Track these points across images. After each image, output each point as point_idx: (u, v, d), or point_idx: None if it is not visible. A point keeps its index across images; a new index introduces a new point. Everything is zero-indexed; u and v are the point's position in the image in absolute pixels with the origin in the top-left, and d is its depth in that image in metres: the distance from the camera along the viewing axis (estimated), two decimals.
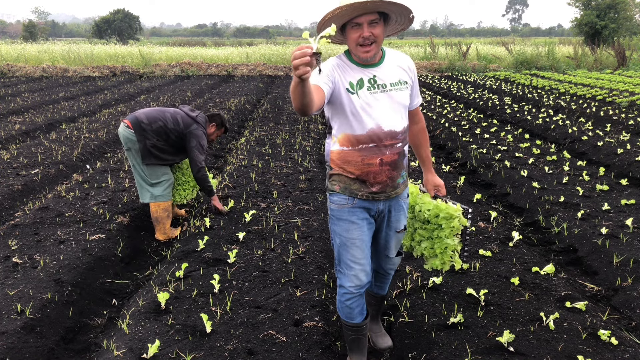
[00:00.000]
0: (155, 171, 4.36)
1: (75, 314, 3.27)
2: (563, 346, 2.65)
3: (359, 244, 2.31)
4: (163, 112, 4.40)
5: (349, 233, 2.31)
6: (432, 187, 2.60)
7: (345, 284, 2.36)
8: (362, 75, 2.20)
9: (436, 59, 24.23)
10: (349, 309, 2.41)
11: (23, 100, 12.72)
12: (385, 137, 2.23)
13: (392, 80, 2.25)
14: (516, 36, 66.05)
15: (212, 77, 20.11)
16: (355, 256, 2.31)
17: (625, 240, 4.06)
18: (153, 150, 4.28)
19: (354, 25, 2.11)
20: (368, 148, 2.23)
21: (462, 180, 5.83)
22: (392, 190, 2.32)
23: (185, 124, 4.37)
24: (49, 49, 25.84)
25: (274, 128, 9.17)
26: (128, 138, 4.25)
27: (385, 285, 2.71)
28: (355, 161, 2.25)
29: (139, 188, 4.43)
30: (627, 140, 7.68)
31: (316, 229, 4.34)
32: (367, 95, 2.19)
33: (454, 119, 9.93)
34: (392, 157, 2.27)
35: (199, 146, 4.37)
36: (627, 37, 29.13)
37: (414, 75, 2.35)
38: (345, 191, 2.30)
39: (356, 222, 2.31)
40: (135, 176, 4.42)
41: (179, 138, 4.37)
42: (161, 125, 4.29)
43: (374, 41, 2.12)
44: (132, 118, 4.29)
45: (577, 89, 14.14)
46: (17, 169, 6.34)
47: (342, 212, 2.32)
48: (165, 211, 4.43)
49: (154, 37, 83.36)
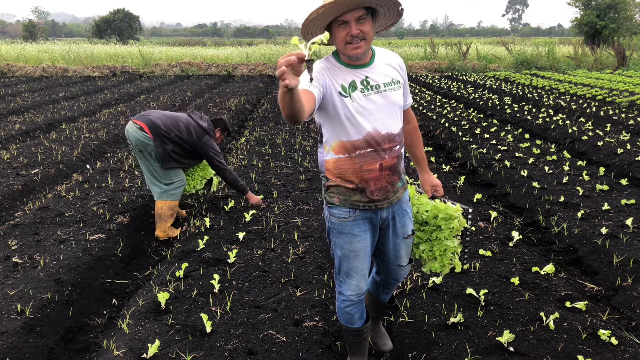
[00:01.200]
0: (169, 173, 4.45)
1: (75, 313, 3.27)
2: (563, 346, 2.65)
3: (362, 256, 2.24)
4: (177, 122, 4.45)
5: (351, 245, 2.22)
6: (430, 187, 2.52)
7: (346, 292, 2.31)
8: (354, 77, 2.08)
9: (436, 58, 24.23)
10: (349, 315, 2.38)
11: (23, 100, 12.73)
12: (383, 140, 2.13)
13: (385, 80, 2.14)
14: (516, 36, 66.09)
15: (212, 77, 20.11)
16: (357, 267, 2.25)
17: (625, 240, 4.06)
18: (173, 155, 4.40)
19: (340, 23, 1.99)
20: (366, 154, 2.12)
21: (462, 180, 5.83)
22: (393, 196, 2.23)
23: (198, 136, 4.49)
24: (49, 48, 25.86)
25: (274, 128, 9.17)
26: (142, 141, 4.28)
27: (392, 291, 2.65)
28: (354, 169, 2.13)
29: (150, 184, 4.51)
30: (627, 140, 7.68)
31: (316, 229, 4.34)
32: (361, 97, 2.08)
33: (454, 119, 9.93)
34: (391, 160, 2.17)
35: (215, 153, 4.56)
36: (627, 37, 29.13)
37: (404, 73, 2.26)
38: (346, 203, 2.18)
39: (359, 234, 2.22)
40: (145, 174, 4.50)
41: (193, 148, 4.51)
42: (177, 135, 4.39)
43: (363, 38, 2.00)
44: (148, 122, 4.31)
45: (577, 88, 14.14)
46: (17, 168, 6.34)
47: (344, 226, 2.21)
48: (170, 209, 4.49)
49: (154, 37, 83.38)
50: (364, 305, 2.43)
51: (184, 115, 4.59)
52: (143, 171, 4.51)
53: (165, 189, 4.45)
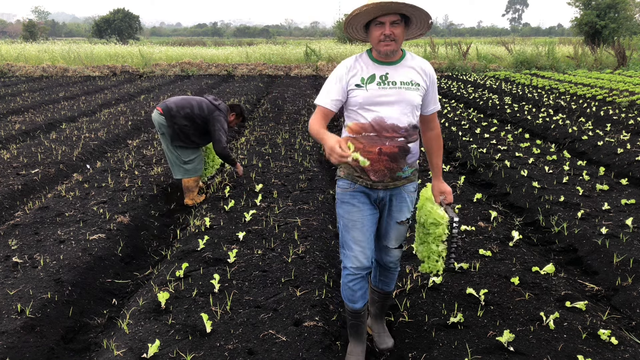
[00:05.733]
0: (186, 151, 5.10)
1: (75, 313, 3.27)
2: (563, 346, 2.66)
3: (359, 226, 2.45)
4: (189, 100, 5.11)
5: (350, 215, 2.46)
6: (438, 193, 2.62)
7: (347, 265, 2.49)
8: (376, 72, 2.35)
9: (436, 58, 24.20)
10: (351, 290, 2.52)
11: (23, 99, 12.72)
12: (386, 128, 2.34)
13: (403, 79, 2.36)
14: (516, 36, 66.05)
15: (212, 77, 20.10)
16: (356, 237, 2.45)
17: (625, 240, 4.06)
18: (180, 135, 5.00)
19: (377, 23, 2.27)
20: (369, 136, 2.36)
21: (462, 180, 5.83)
22: (390, 182, 2.42)
23: (209, 111, 5.07)
24: (49, 48, 25.84)
25: (274, 128, 9.17)
26: (160, 123, 4.98)
27: (390, 281, 2.74)
28: (358, 148, 2.36)
29: (172, 166, 5.18)
30: (627, 140, 7.68)
31: (316, 229, 4.34)
32: (375, 89, 2.33)
33: (454, 119, 9.94)
34: (391, 148, 2.36)
35: (221, 129, 5.08)
36: (627, 36, 29.07)
37: (430, 80, 2.45)
38: (348, 177, 2.47)
39: (357, 205, 2.45)
40: (167, 156, 5.18)
41: (204, 122, 5.07)
42: (188, 112, 4.99)
43: (393, 39, 2.27)
44: (164, 105, 5.01)
45: (577, 88, 14.14)
46: (17, 168, 6.34)
47: (345, 195, 2.48)
48: (195, 182, 5.32)
49: (154, 36, 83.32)
50: (367, 286, 2.57)
51: (200, 97, 5.22)
52: (166, 154, 5.19)
53: (185, 168, 5.14)
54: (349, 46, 29.32)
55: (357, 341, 2.69)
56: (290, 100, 12.83)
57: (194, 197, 5.40)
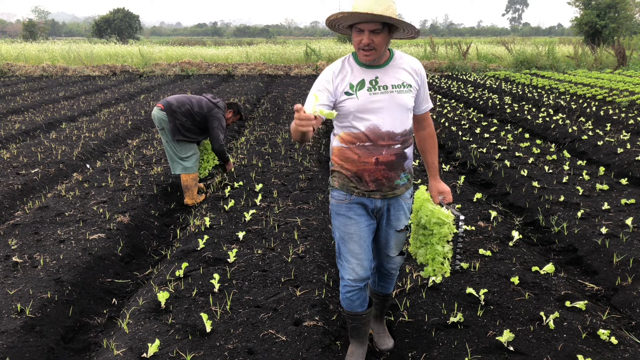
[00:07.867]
0: (184, 147, 5.21)
1: (75, 313, 3.27)
2: (563, 345, 2.66)
3: (356, 239, 2.38)
4: (189, 98, 5.26)
5: (346, 228, 2.39)
6: (437, 193, 2.55)
7: (345, 276, 2.44)
8: (365, 77, 2.24)
9: (436, 58, 24.21)
10: (349, 300, 2.50)
11: (23, 99, 12.72)
12: (382, 137, 2.26)
13: (394, 82, 2.26)
14: (516, 35, 66.00)
15: (212, 77, 20.09)
16: (353, 250, 2.39)
17: (625, 240, 4.06)
18: (181, 129, 5.11)
19: (357, 29, 2.16)
20: (364, 146, 2.28)
21: (462, 180, 5.83)
22: (389, 191, 2.35)
23: (208, 108, 5.22)
24: (49, 48, 25.84)
25: (274, 127, 9.16)
26: (161, 119, 5.09)
27: (389, 285, 2.71)
28: (352, 159, 2.30)
29: (171, 162, 5.28)
30: (627, 139, 7.68)
31: (316, 228, 4.34)
32: (366, 96, 2.23)
33: (454, 119, 9.93)
34: (388, 157, 2.29)
35: (219, 127, 5.25)
36: (627, 36, 29.08)
37: (421, 79, 2.35)
38: (343, 187, 2.37)
39: (353, 217, 2.38)
40: (167, 152, 5.26)
41: (203, 119, 5.21)
42: (188, 108, 5.13)
43: (373, 48, 2.15)
44: (164, 102, 5.13)
45: (577, 88, 14.14)
46: (17, 168, 6.34)
47: (340, 207, 2.40)
48: (193, 180, 5.36)
49: (154, 36, 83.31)
50: (366, 294, 2.54)
51: (199, 96, 5.35)
52: (165, 150, 5.26)
53: (183, 164, 5.23)
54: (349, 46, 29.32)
55: (358, 343, 2.67)
56: (290, 100, 12.82)
57: (193, 197, 5.44)
